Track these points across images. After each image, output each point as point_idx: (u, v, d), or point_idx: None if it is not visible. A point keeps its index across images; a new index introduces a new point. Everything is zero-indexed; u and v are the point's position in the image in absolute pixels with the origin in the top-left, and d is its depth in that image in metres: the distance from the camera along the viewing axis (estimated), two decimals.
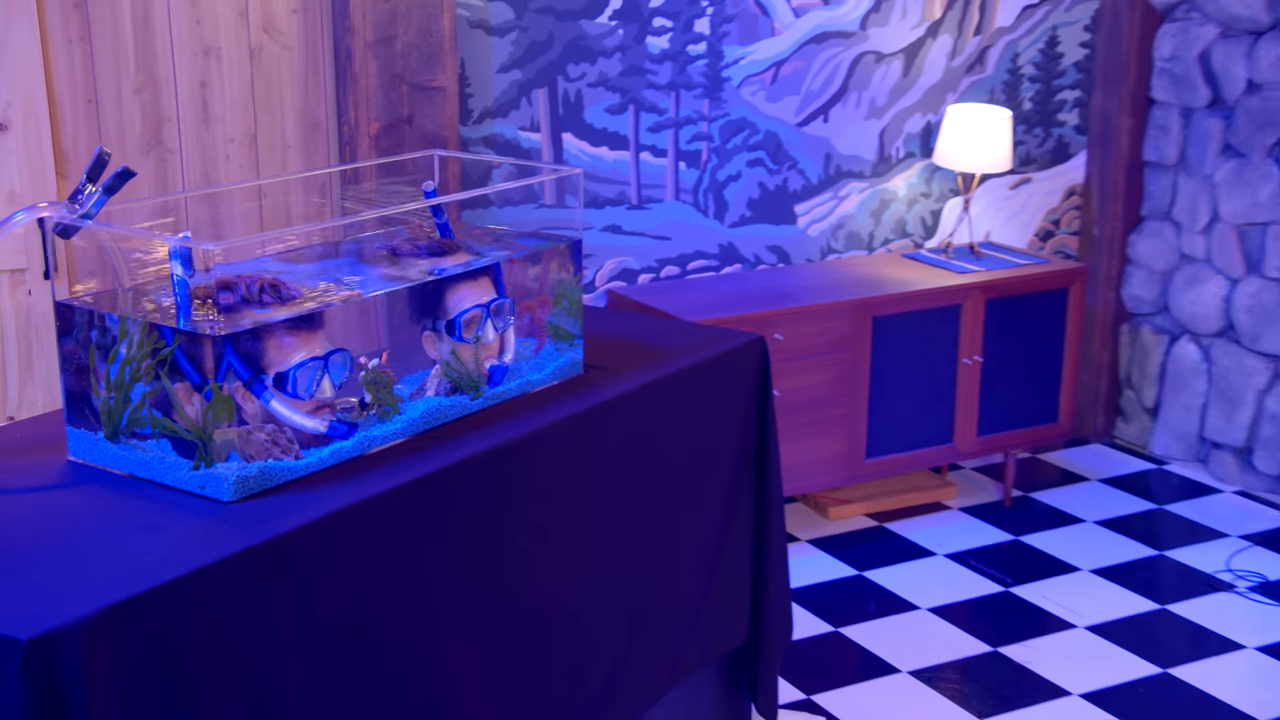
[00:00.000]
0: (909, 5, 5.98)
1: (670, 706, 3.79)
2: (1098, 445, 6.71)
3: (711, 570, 3.77)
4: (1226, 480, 6.31)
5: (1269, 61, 5.89)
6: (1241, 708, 4.64)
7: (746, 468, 3.87)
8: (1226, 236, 6.15)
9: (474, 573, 3.01)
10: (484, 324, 3.22)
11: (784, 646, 4.13)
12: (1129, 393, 6.65)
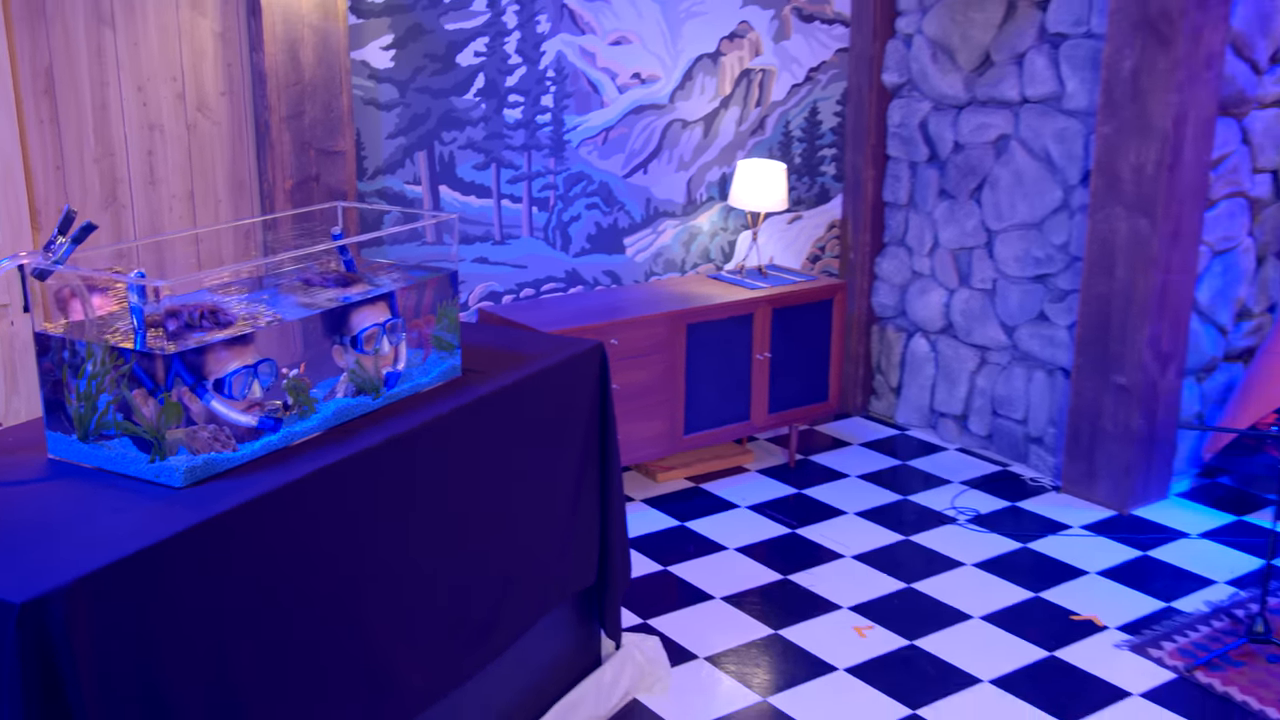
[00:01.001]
0: (706, 84, 5.97)
1: (539, 635, 3.75)
2: (858, 418, 6.77)
3: (566, 527, 3.74)
4: (950, 440, 6.41)
5: (968, 128, 6.00)
6: (963, 609, 4.72)
7: (592, 446, 3.84)
8: (945, 258, 6.25)
9: (381, 537, 2.95)
10: (381, 339, 3.17)
11: (625, 584, 4.11)
12: (879, 377, 6.73)
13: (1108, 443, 5.51)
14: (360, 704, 2.91)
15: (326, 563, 2.78)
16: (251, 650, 2.56)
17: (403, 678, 3.05)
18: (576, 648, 4.01)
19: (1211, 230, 5.61)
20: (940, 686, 4.22)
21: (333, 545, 2.80)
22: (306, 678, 2.73)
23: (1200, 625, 4.63)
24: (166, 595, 2.35)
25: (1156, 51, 5.08)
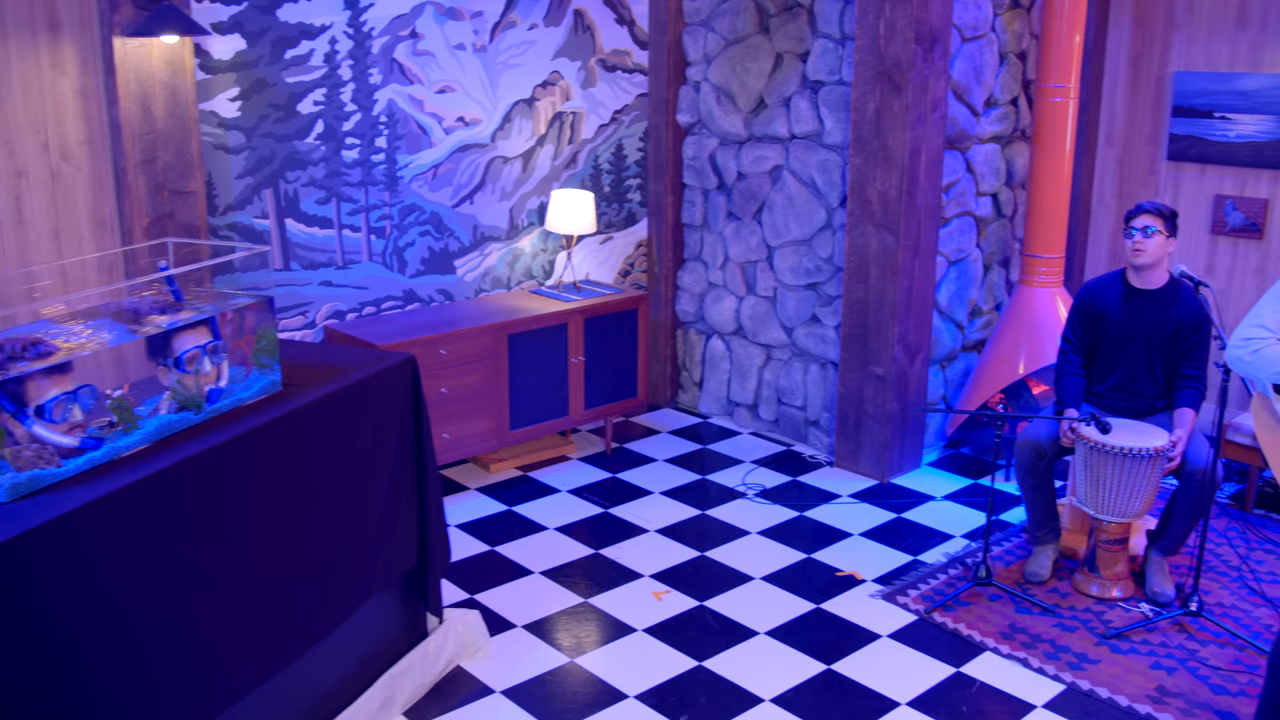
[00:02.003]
0: (523, 125, 5.94)
1: (368, 614, 3.69)
2: (667, 409, 6.80)
3: (385, 519, 3.68)
4: (744, 426, 6.48)
5: (748, 160, 6.08)
6: (747, 571, 4.77)
7: (408, 446, 3.78)
8: (734, 271, 6.31)
9: (204, 538, 2.86)
10: (202, 360, 3.07)
11: (445, 565, 4.06)
12: (685, 373, 6.77)
13: (870, 423, 5.63)
14: (186, 694, 2.82)
15: (150, 563, 2.68)
16: (76, 649, 2.46)
17: (228, 667, 2.96)
18: (405, 624, 3.95)
19: (946, 243, 5.76)
20: (724, 640, 4.26)
21: (155, 547, 2.70)
22: (132, 673, 2.63)
23: (939, 574, 4.76)
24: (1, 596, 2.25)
25: (892, 97, 5.20)
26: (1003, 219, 6.08)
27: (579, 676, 4.01)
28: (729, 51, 6.03)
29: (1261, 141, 5.81)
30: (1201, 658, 4.18)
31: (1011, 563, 4.86)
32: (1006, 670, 4.08)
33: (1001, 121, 5.88)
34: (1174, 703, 3.91)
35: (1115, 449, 4.33)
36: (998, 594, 4.56)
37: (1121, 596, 4.55)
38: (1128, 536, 4.57)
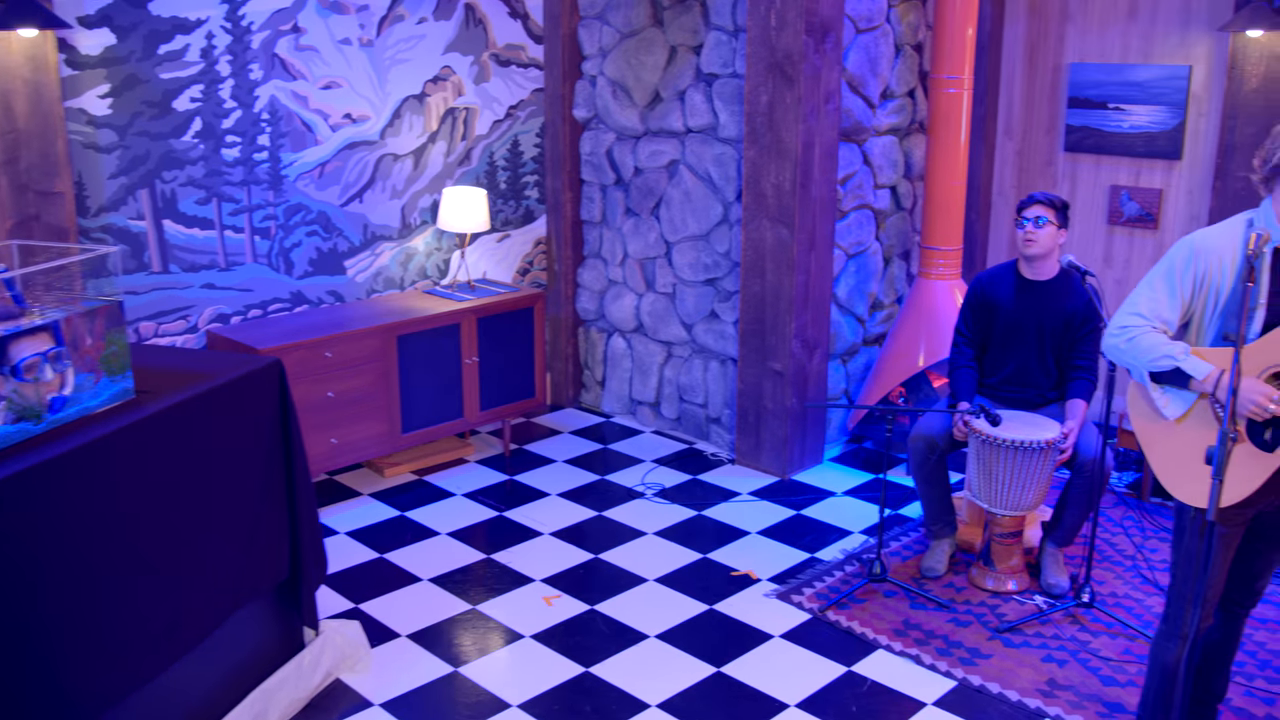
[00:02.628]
0: (414, 122, 5.83)
1: (236, 627, 3.58)
2: (571, 409, 6.72)
3: (252, 530, 3.56)
4: (647, 425, 6.43)
5: (645, 155, 6.02)
6: (640, 573, 4.71)
7: (276, 454, 3.67)
8: (633, 267, 6.25)
9: (51, 552, 2.73)
10: (43, 367, 2.93)
11: (321, 576, 3.94)
12: (588, 372, 6.69)
13: (770, 419, 5.60)
14: (37, 715, 2.69)
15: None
16: None
17: (81, 687, 2.84)
18: (279, 636, 3.83)
19: (844, 237, 5.75)
20: (613, 644, 4.19)
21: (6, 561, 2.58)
22: None
23: (835, 571, 4.73)
24: None
25: (785, 89, 5.17)
26: (902, 211, 6.09)
27: (462, 686, 3.92)
28: (624, 45, 5.97)
29: (1154, 132, 5.88)
30: (1093, 649, 4.20)
31: (909, 558, 4.85)
32: (898, 668, 4.06)
33: (899, 114, 5.88)
34: (1064, 695, 3.91)
35: (1006, 442, 4.33)
36: (893, 590, 4.55)
37: (1017, 590, 4.56)
38: (1022, 530, 4.58)
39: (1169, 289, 3.09)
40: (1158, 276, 3.12)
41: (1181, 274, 3.07)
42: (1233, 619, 3.43)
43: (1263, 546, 3.26)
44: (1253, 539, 3.25)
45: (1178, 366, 3.02)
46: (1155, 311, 3.09)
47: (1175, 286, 3.08)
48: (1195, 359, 3.01)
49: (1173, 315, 3.08)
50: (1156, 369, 3.07)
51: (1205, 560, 3.17)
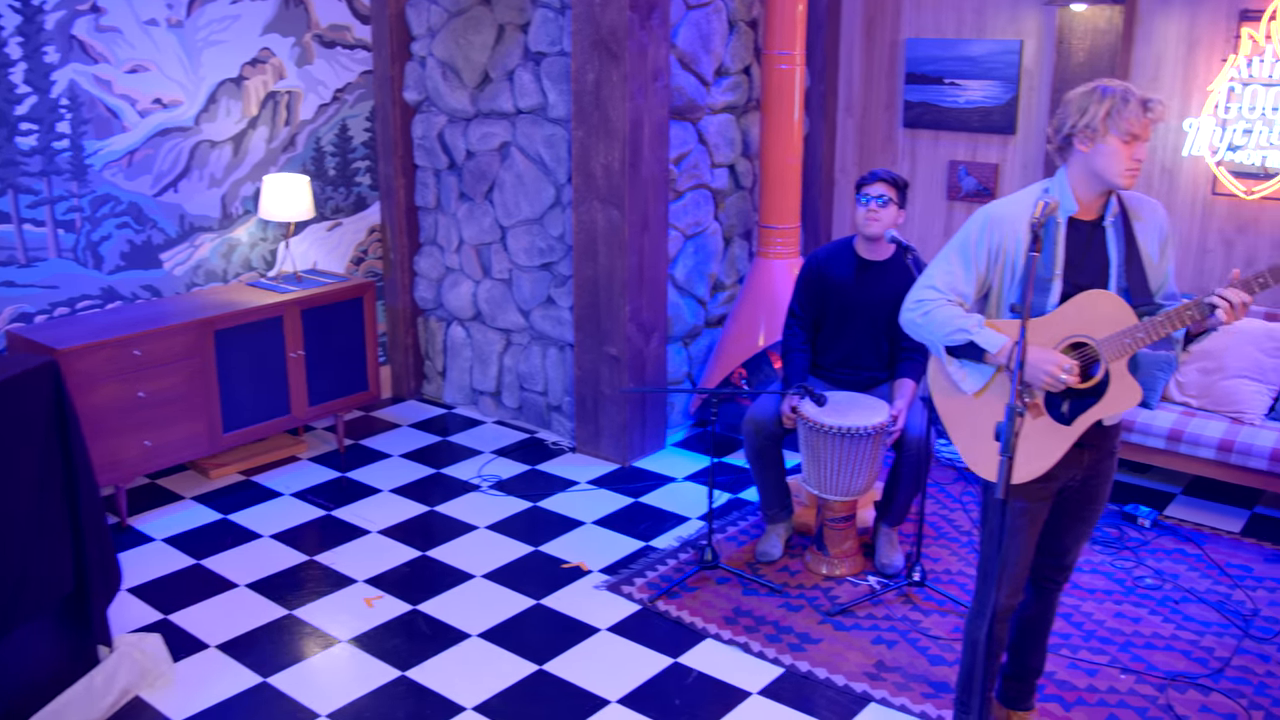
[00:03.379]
0: (231, 107, 5.58)
1: (15, 648, 3.36)
2: (412, 401, 6.54)
3: (26, 541, 3.34)
4: (489, 415, 6.28)
5: (476, 137, 5.86)
6: (468, 569, 4.58)
7: (54, 461, 3.45)
8: (469, 254, 6.10)
9: None
10: None
11: (113, 588, 3.73)
12: (429, 362, 6.52)
13: (608, 406, 5.50)
14: None
15: None
16: None
17: None
18: (67, 656, 3.61)
19: (681, 217, 5.67)
20: (433, 645, 4.06)
21: None
22: None
23: (669, 559, 4.66)
24: None
25: (610, 66, 5.06)
26: (742, 191, 6.03)
27: (270, 698, 3.75)
28: (452, 24, 5.80)
29: (990, 107, 5.90)
30: (924, 628, 4.19)
31: (745, 543, 4.80)
32: (726, 657, 3.99)
33: (734, 91, 5.82)
34: (891, 678, 3.89)
35: (833, 429, 4.28)
36: (726, 577, 4.48)
37: (851, 572, 4.54)
38: (854, 513, 4.55)
39: (964, 261, 3.05)
40: (953, 249, 3.07)
41: (976, 245, 3.03)
42: (1045, 594, 3.43)
43: (1070, 521, 3.25)
44: (1059, 513, 3.24)
45: (972, 340, 2.99)
46: (951, 284, 3.05)
47: (970, 258, 3.04)
48: (989, 331, 2.97)
49: (968, 288, 3.05)
50: (951, 343, 3.03)
51: (999, 537, 3.15)
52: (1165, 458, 5.01)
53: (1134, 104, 2.82)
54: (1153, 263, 3.00)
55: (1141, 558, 4.70)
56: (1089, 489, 3.18)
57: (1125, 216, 2.99)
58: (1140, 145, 2.86)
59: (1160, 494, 5.28)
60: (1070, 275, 2.96)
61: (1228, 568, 4.62)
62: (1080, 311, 2.93)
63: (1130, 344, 2.88)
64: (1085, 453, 3.09)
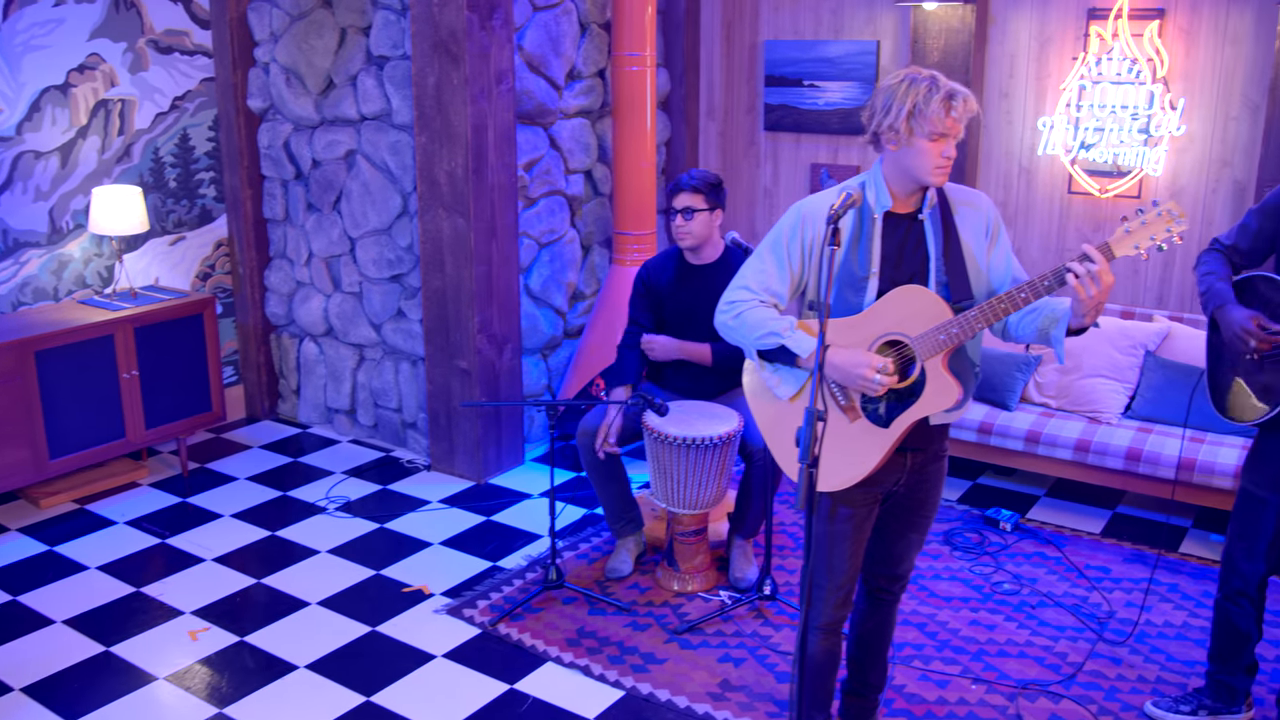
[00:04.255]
0: (57, 115, 5.30)
1: None
2: (267, 421, 6.28)
3: None
4: (344, 434, 6.05)
5: (322, 146, 5.65)
6: (303, 597, 4.36)
7: None
8: (319, 266, 5.87)
9: None
10: None
11: None
12: (283, 381, 6.27)
13: (461, 421, 5.31)
14: None
15: None
16: None
17: None
18: None
19: (534, 225, 5.51)
20: (257, 679, 3.83)
21: None
22: None
23: (516, 579, 4.48)
24: None
25: (451, 68, 4.89)
26: (600, 197, 5.88)
27: None
28: (294, 28, 5.58)
29: (849, 108, 5.83)
30: (773, 644, 4.06)
31: (596, 560, 4.64)
32: (565, 681, 3.83)
33: (588, 95, 5.67)
34: (735, 697, 3.75)
35: (678, 440, 4.14)
36: (573, 596, 4.32)
37: (703, 588, 4.40)
38: (705, 526, 4.41)
39: (776, 259, 2.91)
40: (766, 246, 2.94)
41: (789, 242, 2.89)
42: (881, 605, 3.30)
43: (899, 528, 3.13)
44: (887, 521, 3.11)
45: (783, 344, 2.86)
46: (764, 284, 2.91)
47: (783, 256, 2.90)
48: (800, 334, 2.84)
49: (782, 287, 2.90)
50: (763, 346, 2.89)
51: (823, 546, 3.03)
52: (1025, 460, 4.96)
53: (937, 102, 2.68)
54: (974, 256, 2.87)
55: (1001, 562, 4.63)
56: (916, 494, 3.06)
57: (945, 208, 2.86)
58: (949, 142, 2.74)
59: (1024, 497, 5.24)
60: (889, 272, 2.83)
61: (1086, 570, 4.58)
62: (894, 308, 2.81)
63: (945, 340, 2.76)
64: (909, 456, 2.97)
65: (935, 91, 2.69)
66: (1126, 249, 2.65)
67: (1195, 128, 5.06)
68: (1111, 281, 2.62)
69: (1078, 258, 2.63)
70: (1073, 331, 2.76)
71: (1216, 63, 4.99)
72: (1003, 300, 2.71)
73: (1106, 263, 2.61)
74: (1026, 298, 2.70)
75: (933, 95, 2.69)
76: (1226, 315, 3.23)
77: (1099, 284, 2.60)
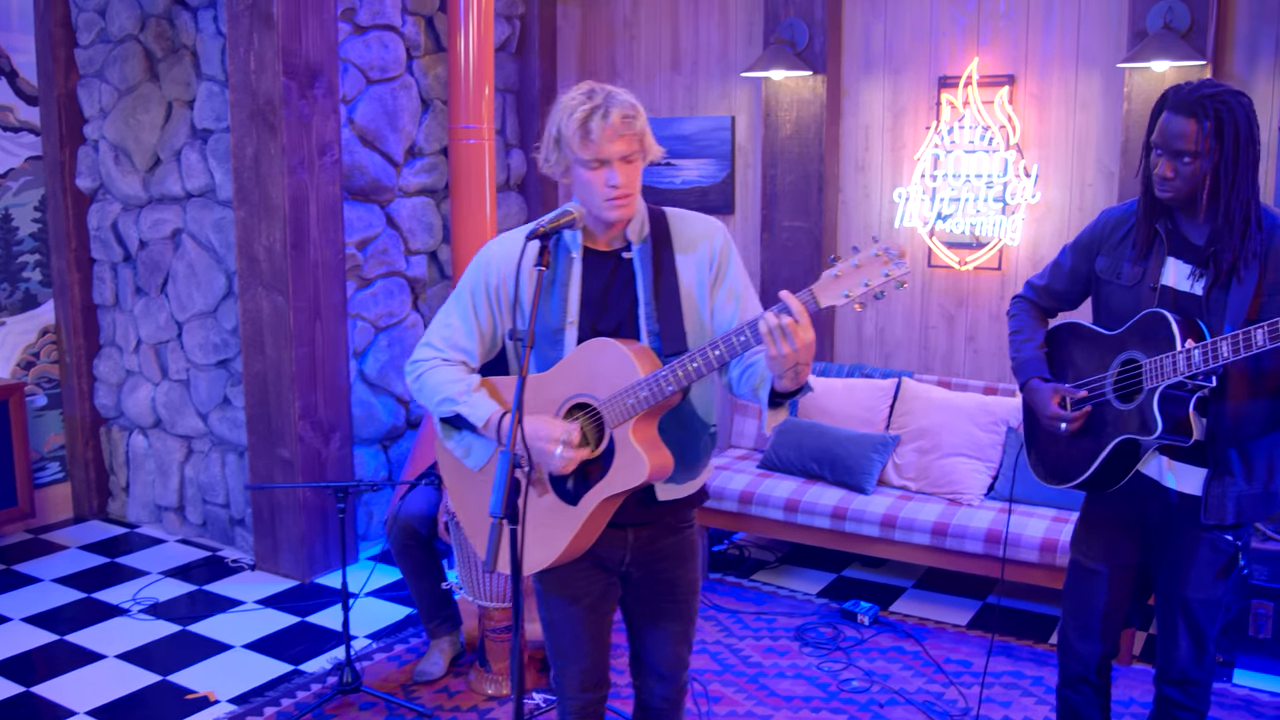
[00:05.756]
0: None
1: None
2: (95, 521, 5.83)
3: None
4: (173, 532, 5.62)
5: (148, 225, 5.36)
6: (71, 705, 3.89)
7: None
8: (148, 353, 5.52)
9: None
10: None
11: None
12: (114, 477, 5.86)
13: (285, 516, 4.93)
14: None
15: None
16: None
17: None
18: None
19: (370, 307, 5.20)
20: None
21: None
22: None
23: (315, 684, 4.05)
24: None
25: (268, 138, 4.63)
26: (446, 280, 5.59)
27: None
28: (122, 103, 5.32)
29: (706, 186, 5.62)
30: None
31: (409, 661, 4.22)
32: None
33: (430, 173, 5.43)
34: None
35: None
36: (371, 701, 3.90)
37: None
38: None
39: (461, 312, 2.52)
40: (451, 298, 2.56)
41: (474, 292, 2.50)
42: (658, 715, 2.75)
43: (648, 614, 2.65)
44: (633, 606, 2.66)
45: (457, 411, 2.46)
46: (449, 340, 2.51)
47: (467, 308, 2.51)
48: (479, 398, 2.45)
49: (469, 343, 2.51)
50: (442, 414, 2.50)
51: (553, 634, 2.66)
52: (882, 546, 4.62)
53: (575, 125, 2.28)
54: (694, 300, 2.45)
55: (854, 658, 4.26)
56: (658, 576, 2.59)
57: (663, 243, 2.45)
58: (612, 169, 2.30)
59: (889, 589, 4.89)
60: (590, 320, 2.43)
61: (946, 664, 4.22)
62: (583, 365, 2.39)
63: (634, 405, 2.33)
64: (631, 532, 2.53)
65: (579, 110, 2.29)
66: (834, 298, 2.16)
67: (1052, 195, 4.86)
68: (811, 338, 2.17)
69: (774, 307, 2.21)
70: (782, 395, 2.32)
71: (1069, 128, 4.81)
72: (695, 359, 2.28)
73: (806, 315, 2.16)
74: (720, 355, 2.27)
75: (574, 117, 2.29)
76: (1033, 398, 2.93)
77: (792, 341, 2.16)
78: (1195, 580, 2.81)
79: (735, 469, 5.02)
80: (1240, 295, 2.63)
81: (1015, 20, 4.86)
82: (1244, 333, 2.50)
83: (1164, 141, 2.61)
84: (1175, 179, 2.61)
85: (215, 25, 4.93)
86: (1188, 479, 2.79)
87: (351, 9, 5.02)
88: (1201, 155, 2.57)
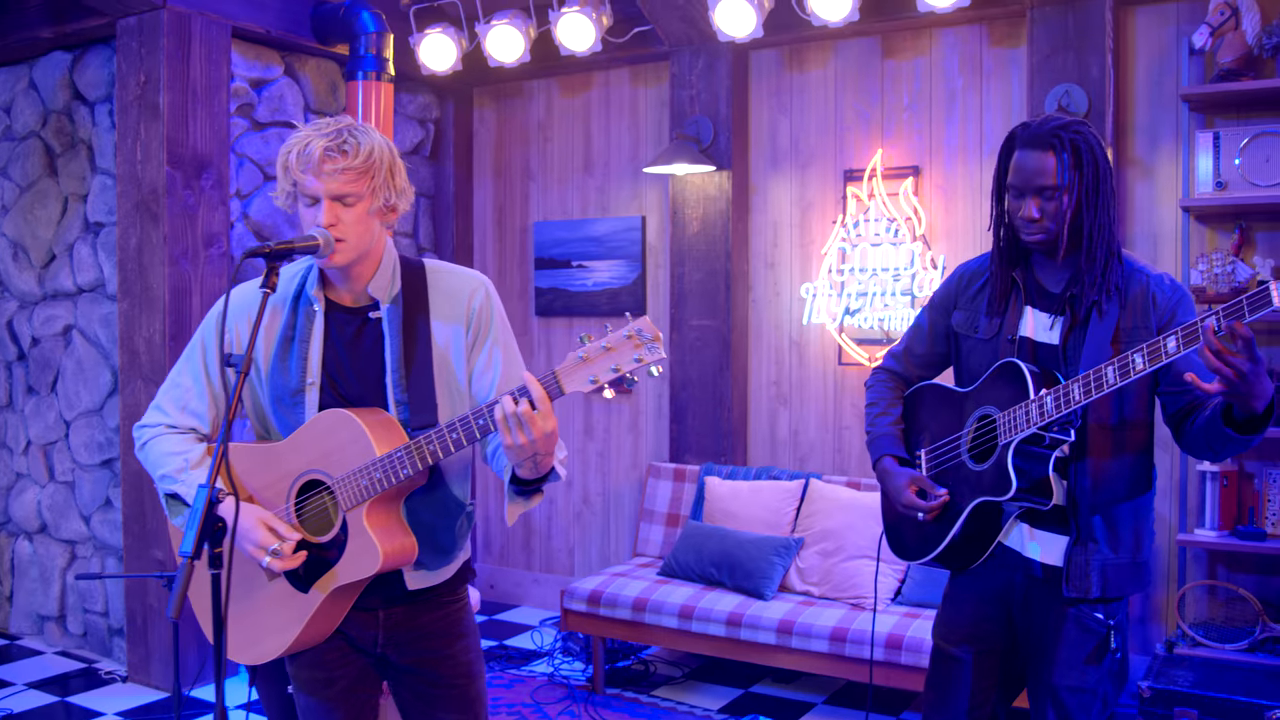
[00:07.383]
0: None
1: None
2: None
3: None
4: (53, 644, 5.26)
5: (40, 322, 5.16)
6: None
7: None
8: (36, 455, 5.27)
9: None
10: None
11: None
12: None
13: (158, 623, 4.61)
14: None
15: None
16: None
17: None
18: None
19: None
20: None
21: None
22: None
23: None
24: None
25: (151, 228, 4.48)
26: None
27: None
28: (22, 200, 5.19)
29: (617, 288, 5.44)
30: None
31: None
32: None
33: None
34: None
35: None
36: None
37: None
38: None
39: (192, 370, 2.28)
40: (182, 356, 2.33)
41: (206, 346, 2.27)
42: None
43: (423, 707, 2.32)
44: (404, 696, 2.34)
45: (174, 491, 2.20)
46: (180, 401, 2.27)
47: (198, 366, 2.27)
48: (198, 475, 2.19)
49: (201, 404, 2.26)
50: (164, 490, 2.24)
51: None
52: (779, 655, 4.27)
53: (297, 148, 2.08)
54: (450, 365, 2.22)
55: None
56: (422, 659, 2.29)
57: (417, 300, 2.20)
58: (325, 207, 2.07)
59: (798, 705, 4.52)
60: (335, 385, 2.19)
61: None
62: (317, 437, 2.15)
63: (368, 486, 2.10)
64: (381, 612, 2.26)
65: (304, 137, 2.10)
66: (579, 383, 1.98)
67: None
68: (551, 427, 1.97)
69: (514, 390, 1.99)
70: (524, 482, 2.10)
71: (975, 218, 4.65)
72: (431, 440, 2.06)
73: (548, 402, 1.97)
74: (458, 439, 2.06)
75: (299, 140, 2.10)
76: (886, 482, 2.69)
77: (529, 430, 1.95)
78: (1063, 663, 2.52)
79: (633, 575, 4.71)
80: (1099, 333, 2.42)
81: (918, 112, 4.75)
82: (1094, 372, 2.29)
83: (1023, 181, 2.43)
84: (1042, 219, 2.42)
85: (110, 119, 4.82)
86: (1051, 548, 2.53)
87: (250, 104, 4.91)
88: (1063, 188, 2.39)
